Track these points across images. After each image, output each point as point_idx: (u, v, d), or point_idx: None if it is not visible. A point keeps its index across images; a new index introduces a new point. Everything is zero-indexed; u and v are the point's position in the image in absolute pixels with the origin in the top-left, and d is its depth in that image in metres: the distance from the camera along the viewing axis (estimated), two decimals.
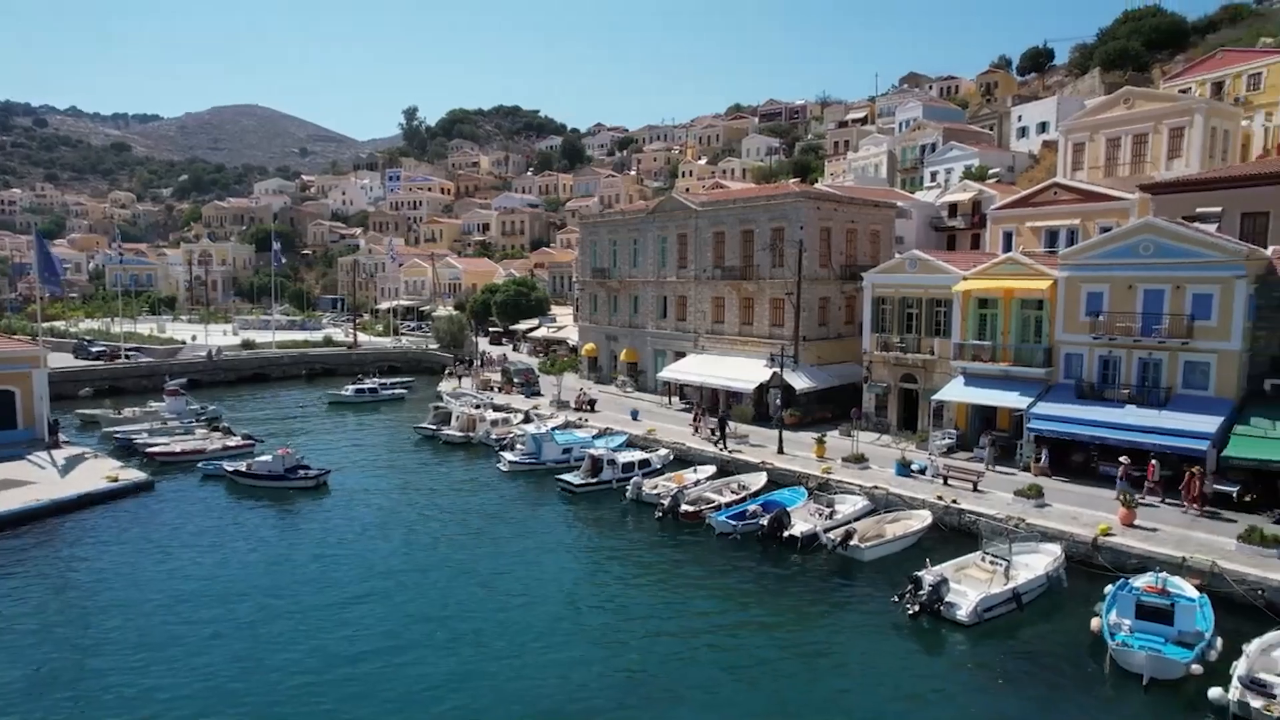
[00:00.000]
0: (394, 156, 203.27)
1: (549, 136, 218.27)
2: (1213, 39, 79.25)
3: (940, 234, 58.32)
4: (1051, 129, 67.92)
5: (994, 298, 37.41)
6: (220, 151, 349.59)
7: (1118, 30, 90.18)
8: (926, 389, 40.24)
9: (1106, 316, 33.42)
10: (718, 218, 51.62)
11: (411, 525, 32.84)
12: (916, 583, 23.49)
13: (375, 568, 28.18)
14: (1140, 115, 47.45)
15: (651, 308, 57.15)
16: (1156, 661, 19.47)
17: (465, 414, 48.98)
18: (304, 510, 34.94)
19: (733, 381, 47.64)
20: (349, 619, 24.06)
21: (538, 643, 22.55)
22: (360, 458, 44.80)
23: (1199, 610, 21.16)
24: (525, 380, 59.34)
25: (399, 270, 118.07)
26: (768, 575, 27.22)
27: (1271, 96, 53.95)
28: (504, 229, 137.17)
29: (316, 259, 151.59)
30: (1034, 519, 28.12)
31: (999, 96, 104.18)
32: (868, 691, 20.00)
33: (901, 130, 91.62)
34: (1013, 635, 22.54)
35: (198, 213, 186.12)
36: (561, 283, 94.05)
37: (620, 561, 29.04)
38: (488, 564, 28.57)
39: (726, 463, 39.02)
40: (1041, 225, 44.34)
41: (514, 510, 35.03)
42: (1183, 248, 31.56)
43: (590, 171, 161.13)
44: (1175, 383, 32.01)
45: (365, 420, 56.45)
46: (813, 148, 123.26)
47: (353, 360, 77.95)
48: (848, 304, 48.64)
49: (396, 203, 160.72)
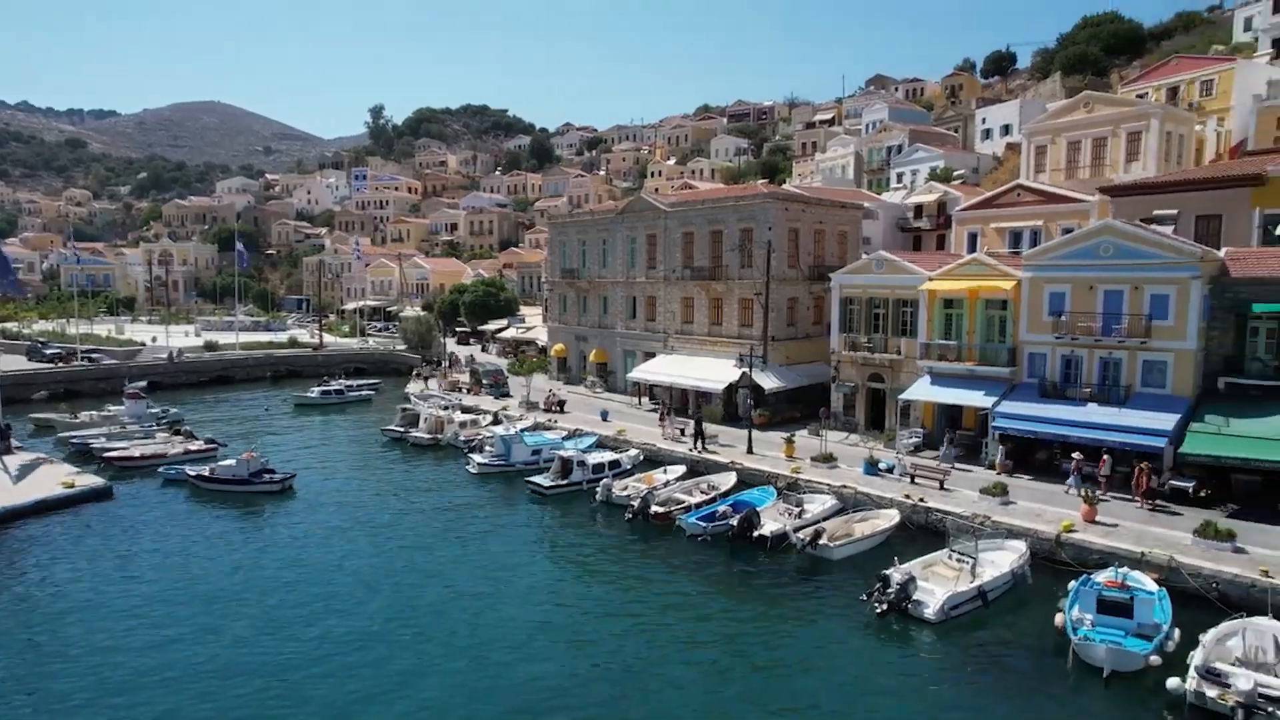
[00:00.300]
0: (360, 155, 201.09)
1: (517, 136, 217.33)
2: (1168, 45, 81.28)
3: (906, 235, 59.04)
4: (1015, 131, 69.04)
5: (959, 298, 37.92)
6: (181, 149, 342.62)
7: (1077, 35, 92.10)
8: (894, 388, 40.68)
9: (1068, 316, 34.04)
10: (687, 218, 51.73)
11: (379, 528, 32.45)
12: (884, 581, 23.73)
13: (343, 571, 27.84)
14: (1099, 119, 48.43)
15: (621, 308, 57.11)
16: (1116, 654, 19.87)
17: (433, 416, 48.56)
18: (269, 515, 34.37)
19: (702, 382, 47.77)
20: (316, 622, 23.75)
21: (507, 643, 22.46)
22: (327, 461, 44.19)
23: (1157, 603, 21.66)
24: (494, 381, 58.97)
25: (365, 270, 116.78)
26: (738, 575, 27.33)
27: (1223, 102, 55.40)
28: (472, 229, 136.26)
29: (281, 259, 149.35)
30: (999, 516, 28.56)
31: (963, 99, 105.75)
32: (836, 689, 20.16)
33: (868, 132, 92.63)
34: (979, 632, 22.85)
35: (158, 211, 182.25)
36: (530, 283, 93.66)
37: (590, 563, 28.98)
38: (456, 566, 28.34)
39: (696, 463, 39.11)
40: (1005, 226, 45.05)
41: (483, 512, 34.78)
42: (1141, 249, 32.25)
43: (559, 171, 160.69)
44: (1134, 381, 32.70)
45: (332, 423, 55.72)
46: (781, 148, 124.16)
47: (319, 362, 76.86)
48: (816, 304, 49.01)
49: (363, 202, 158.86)
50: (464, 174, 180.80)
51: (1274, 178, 35.01)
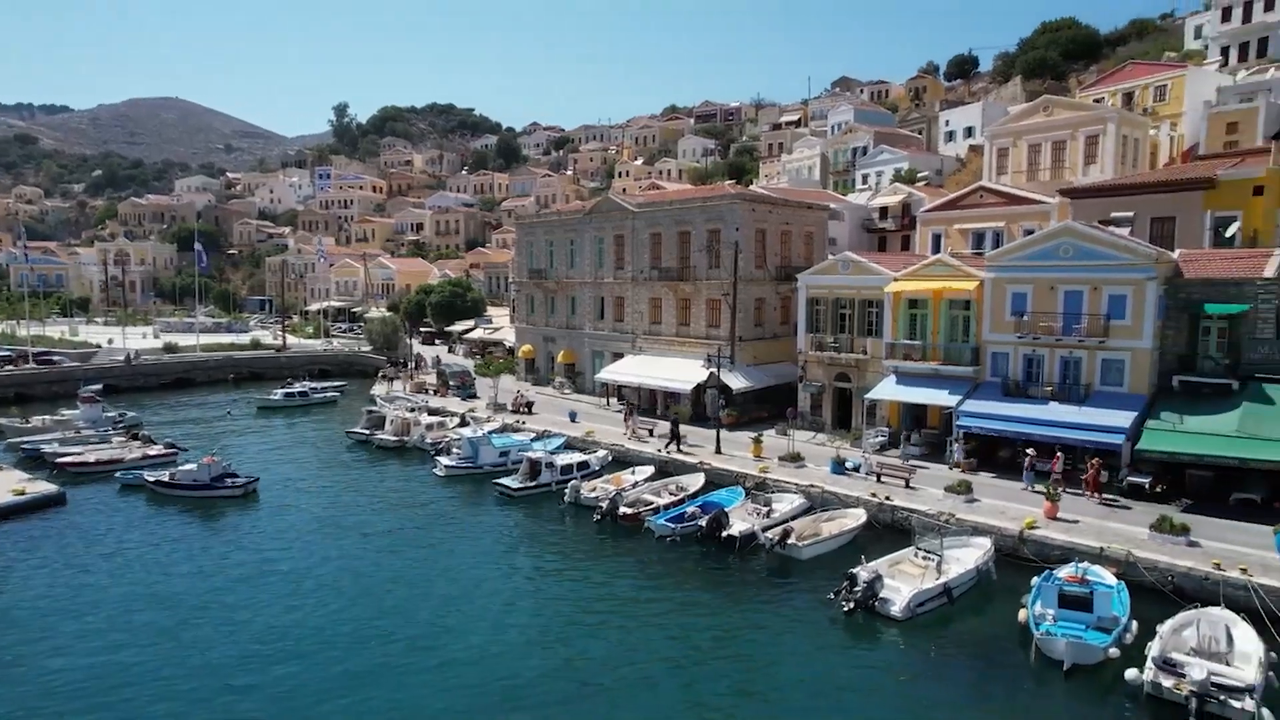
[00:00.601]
0: (324, 154, 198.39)
1: (484, 135, 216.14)
2: (1123, 51, 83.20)
3: (872, 235, 59.68)
4: (977, 134, 70.13)
5: (924, 298, 38.40)
6: (138, 146, 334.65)
7: (1037, 40, 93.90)
8: (860, 388, 41.08)
9: (1030, 316, 34.64)
10: (654, 219, 51.77)
11: (344, 532, 32.00)
12: (851, 580, 23.94)
13: (308, 575, 27.42)
14: (1059, 123, 49.39)
15: (589, 309, 56.98)
16: (1077, 648, 20.25)
17: (399, 418, 48.04)
18: (232, 520, 33.73)
19: (670, 382, 47.84)
20: (281, 627, 23.40)
21: (475, 645, 22.34)
22: (291, 464, 43.49)
23: (1116, 597, 22.10)
24: (461, 383, 58.51)
25: (330, 271, 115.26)
26: (707, 576, 27.39)
27: (1175, 108, 56.86)
28: (438, 229, 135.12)
29: (243, 259, 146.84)
30: (964, 514, 28.97)
31: (927, 101, 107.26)
32: (803, 686, 20.30)
33: (834, 133, 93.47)
34: (944, 628, 23.15)
35: (113, 210, 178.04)
36: (498, 283, 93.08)
37: (559, 565, 28.86)
38: (424, 569, 28.04)
39: (665, 464, 39.14)
40: (969, 227, 45.73)
41: (450, 515, 34.47)
42: (1099, 250, 32.93)
43: (526, 171, 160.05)
44: (1094, 380, 33.37)
45: (296, 425, 54.85)
46: (748, 149, 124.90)
47: (282, 363, 75.68)
48: (783, 305, 49.33)
49: (327, 201, 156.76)
50: (430, 173, 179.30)
51: (1224, 181, 36.00)
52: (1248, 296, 30.91)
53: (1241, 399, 30.12)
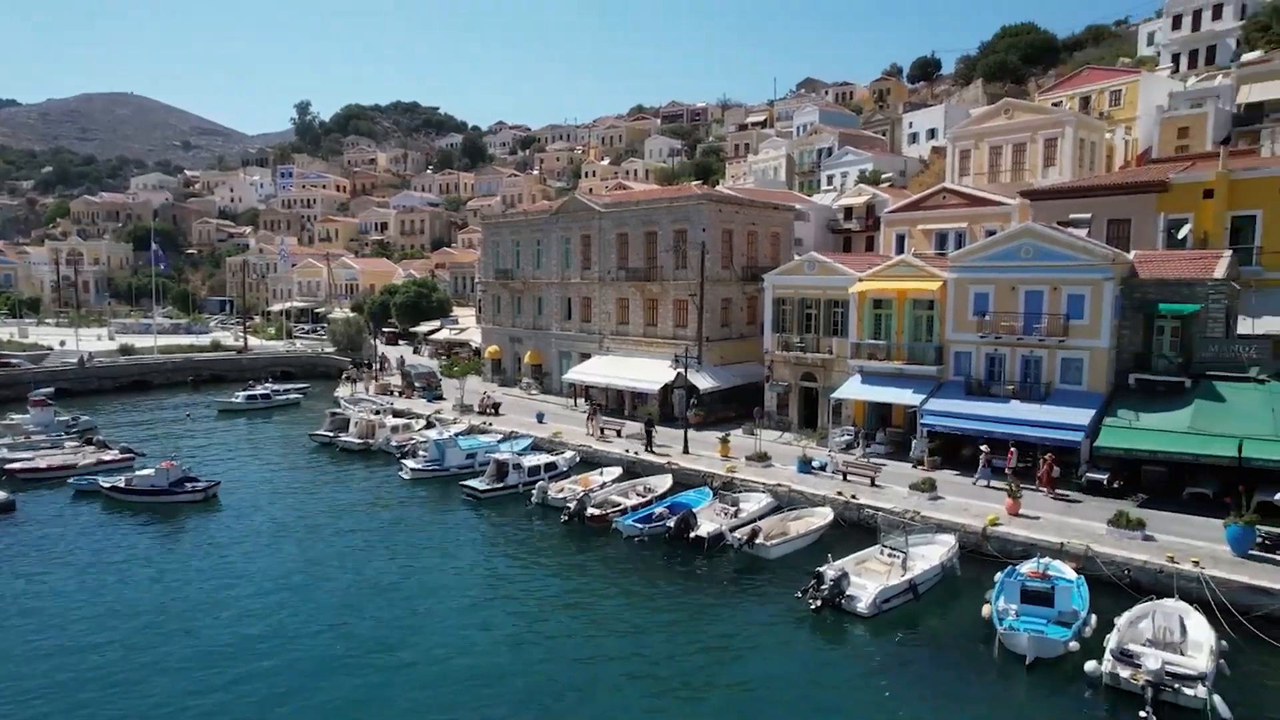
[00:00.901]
0: (286, 152, 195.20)
1: (449, 134, 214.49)
2: (1080, 56, 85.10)
3: (837, 236, 60.27)
4: (940, 135, 71.24)
5: (888, 298, 38.85)
6: (90, 142, 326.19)
7: (997, 44, 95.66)
8: (826, 387, 41.43)
9: (992, 316, 35.20)
10: (621, 219, 51.73)
11: (308, 536, 31.50)
12: (818, 578, 24.10)
13: (271, 580, 26.95)
14: (1019, 125, 50.30)
15: (556, 309, 56.77)
16: (1038, 642, 20.62)
17: (364, 420, 47.45)
18: (192, 525, 33.02)
19: (638, 382, 47.84)
20: (244, 634, 22.95)
21: (442, 647, 22.15)
22: (253, 468, 42.71)
23: (1076, 591, 22.55)
24: (426, 384, 57.95)
25: (292, 271, 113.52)
26: (675, 576, 27.41)
27: (1130, 112, 58.28)
28: (403, 228, 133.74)
29: (203, 259, 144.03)
30: (928, 512, 29.34)
31: (891, 103, 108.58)
32: (771, 683, 20.40)
33: (799, 134, 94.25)
34: (910, 624, 23.42)
35: (65, 208, 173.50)
36: (463, 284, 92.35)
37: (527, 566, 28.69)
38: (390, 573, 27.69)
39: (633, 464, 39.12)
40: (932, 228, 46.38)
41: (417, 518, 34.11)
42: (1059, 251, 33.57)
43: (492, 170, 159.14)
44: (1054, 378, 33.99)
45: (257, 428, 53.90)
46: (714, 149, 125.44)
47: (243, 365, 74.42)
48: (749, 305, 49.58)
49: (289, 200, 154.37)
50: (394, 172, 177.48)
51: (1176, 185, 36.93)
52: (1199, 296, 31.74)
53: (1194, 396, 30.90)
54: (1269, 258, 34.65)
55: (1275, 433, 28.07)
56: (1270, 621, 21.59)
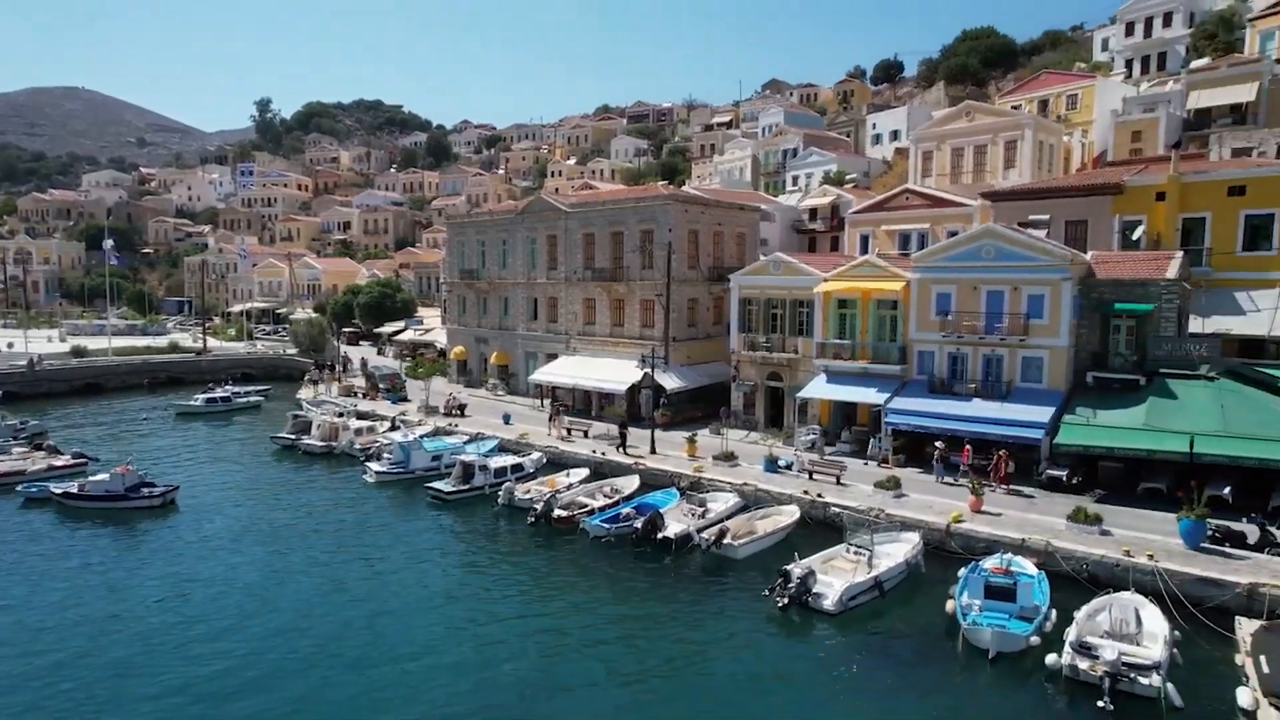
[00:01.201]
0: (246, 150, 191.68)
1: (413, 133, 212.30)
2: (1038, 60, 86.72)
3: (802, 236, 60.74)
4: (903, 137, 72.14)
5: (852, 298, 39.24)
6: (39, 138, 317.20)
7: (959, 48, 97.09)
8: (791, 386, 41.72)
9: (954, 316, 35.71)
10: (587, 219, 51.61)
11: (270, 541, 30.96)
12: (785, 576, 24.26)
13: (232, 586, 26.46)
14: (980, 128, 51.13)
15: (522, 309, 56.46)
16: (1001, 636, 21.00)
17: (327, 422, 46.74)
18: (149, 531, 32.23)
19: (605, 383, 47.77)
20: (204, 641, 22.51)
21: (407, 651, 21.94)
22: (212, 472, 41.83)
23: (1037, 586, 22.99)
24: (391, 385, 57.31)
25: (253, 271, 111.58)
26: (643, 577, 27.38)
27: (1086, 116, 59.59)
28: (366, 228, 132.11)
29: (160, 259, 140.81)
30: (893, 509, 29.68)
31: (855, 104, 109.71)
32: (739, 681, 20.53)
33: (764, 135, 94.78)
34: (876, 620, 23.69)
35: (12, 205, 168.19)
36: (428, 284, 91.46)
37: (494, 568, 28.48)
38: (354, 578, 27.30)
39: (600, 465, 39.04)
40: (895, 229, 46.95)
41: (382, 521, 33.68)
42: (1019, 252, 34.18)
43: (457, 170, 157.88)
44: (1015, 377, 34.60)
45: (217, 432, 52.83)
46: (680, 150, 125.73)
47: (202, 367, 72.93)
48: (715, 305, 49.76)
49: (249, 199, 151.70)
50: (357, 171, 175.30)
51: (1130, 187, 37.83)
52: (1153, 296, 32.53)
53: (1148, 394, 31.66)
54: (1218, 259, 35.64)
55: (1224, 429, 28.87)
56: (1220, 612, 22.21)
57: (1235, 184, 35.59)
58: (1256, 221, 35.06)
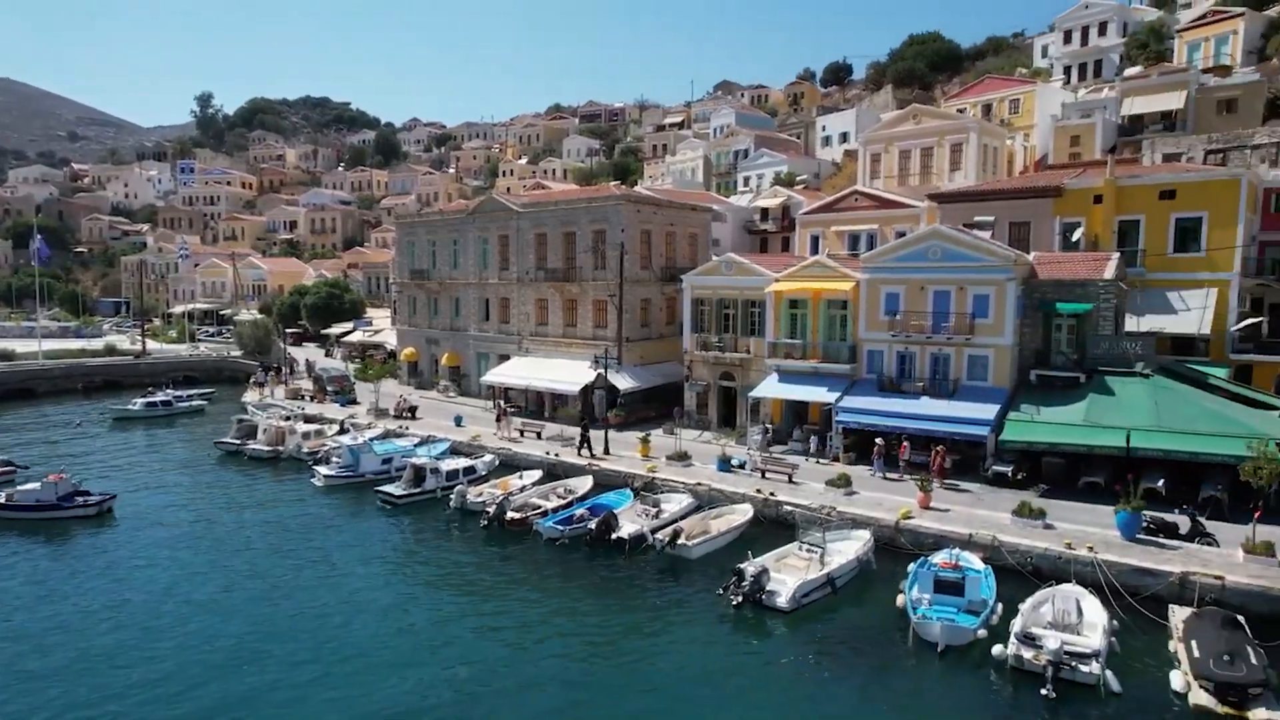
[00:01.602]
0: (186, 146, 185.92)
1: (361, 130, 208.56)
2: (982, 65, 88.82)
3: (754, 237, 61.26)
4: (852, 139, 73.24)
5: (803, 298, 39.68)
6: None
7: (906, 51, 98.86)
8: (744, 386, 42.02)
9: (902, 315, 36.36)
10: (539, 219, 51.30)
11: (213, 549, 30.08)
12: (739, 575, 24.43)
13: (173, 596, 25.69)
14: (926, 131, 52.17)
15: (473, 310, 55.89)
16: (950, 630, 21.46)
17: (273, 426, 45.64)
18: (84, 542, 31.07)
19: (557, 384, 47.53)
20: (145, 651, 21.86)
21: (357, 658, 21.58)
22: (153, 479, 40.48)
23: (984, 580, 23.53)
24: (339, 388, 56.25)
25: (195, 271, 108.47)
26: (597, 578, 27.31)
27: (1027, 120, 61.25)
28: (313, 227, 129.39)
29: (94, 258, 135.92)
30: (844, 507, 30.08)
31: (805, 106, 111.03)
32: (694, 679, 20.62)
33: (716, 136, 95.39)
34: (828, 617, 23.99)
35: None
36: (378, 284, 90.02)
37: (446, 572, 28.10)
38: (302, 583, 26.71)
39: (554, 466, 38.83)
40: (845, 229, 47.62)
41: (331, 526, 32.98)
42: (965, 252, 34.94)
43: (406, 168, 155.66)
44: (961, 375, 35.37)
45: (158, 437, 51.17)
46: (632, 150, 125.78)
47: (141, 370, 70.71)
48: (668, 305, 49.88)
49: (190, 197, 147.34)
50: (304, 169, 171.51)
51: (1070, 190, 38.97)
52: (1091, 296, 33.56)
53: (1088, 391, 32.65)
54: (1151, 260, 36.94)
55: (1158, 424, 29.92)
56: (1155, 600, 23.04)
57: (1166, 188, 36.95)
58: (1186, 224, 36.43)
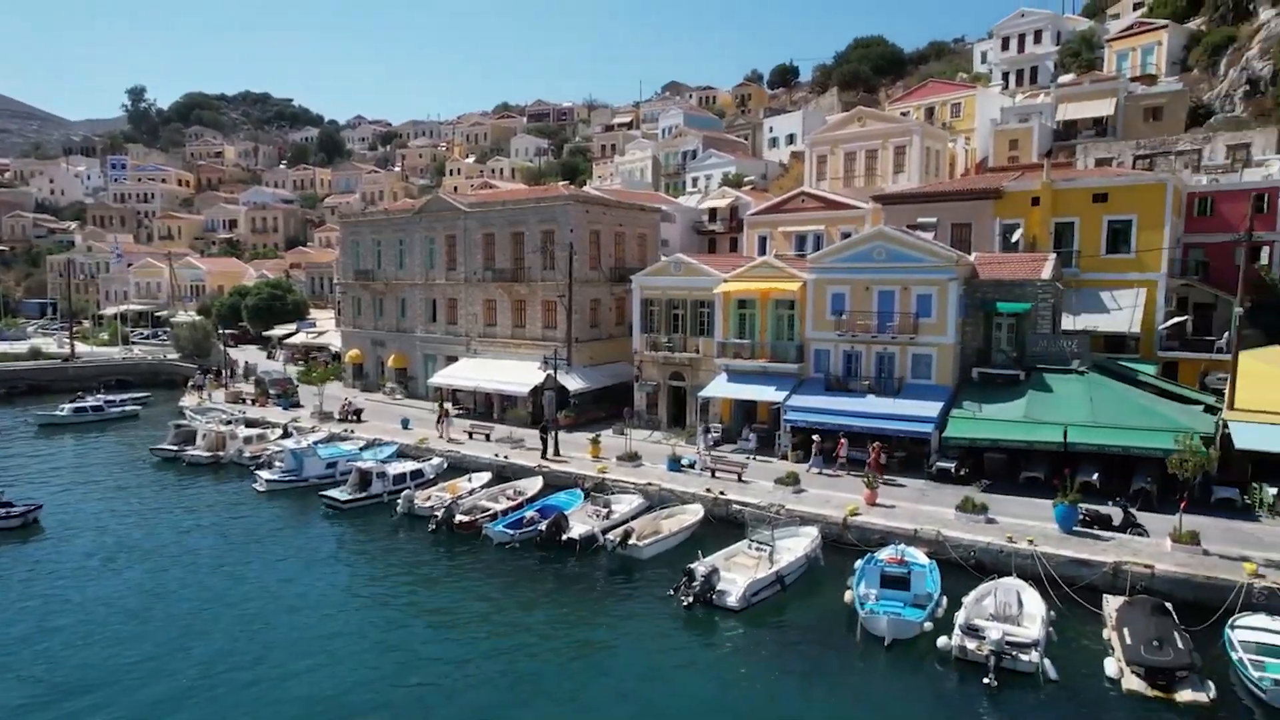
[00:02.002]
0: (117, 141, 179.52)
1: (304, 127, 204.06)
2: (924, 69, 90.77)
3: (702, 237, 61.59)
4: (799, 140, 74.12)
5: (751, 299, 40.00)
6: None
7: (851, 55, 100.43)
8: (694, 386, 42.18)
9: (848, 315, 36.90)
10: (487, 219, 50.77)
11: (148, 559, 28.99)
12: (690, 575, 24.49)
13: (105, 608, 24.70)
14: (871, 133, 53.07)
15: (420, 311, 55.06)
16: (896, 624, 21.85)
17: (213, 431, 44.27)
18: (7, 555, 29.62)
19: (506, 385, 47.10)
20: (75, 665, 21.02)
21: (301, 666, 21.10)
22: (83, 488, 38.88)
23: (929, 575, 24.02)
24: (282, 390, 54.87)
25: (128, 271, 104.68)
26: (548, 580, 27.11)
27: (968, 123, 62.78)
28: (254, 226, 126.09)
29: (17, 257, 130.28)
30: (792, 505, 30.38)
31: (753, 108, 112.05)
32: (644, 679, 20.62)
33: (664, 136, 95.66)
34: (778, 614, 24.19)
35: None
36: (321, 284, 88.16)
37: (393, 578, 27.56)
38: (243, 591, 25.95)
39: (503, 468, 38.45)
40: (792, 230, 48.17)
41: (273, 532, 32.11)
42: (908, 253, 35.61)
43: (351, 166, 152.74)
44: (906, 374, 36.03)
45: (88, 444, 49.21)
46: (581, 150, 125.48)
47: (70, 374, 68.01)
48: (618, 305, 49.83)
49: (122, 194, 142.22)
50: (244, 167, 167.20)
51: (1009, 192, 40.02)
52: (1030, 296, 34.51)
53: (1027, 388, 33.56)
54: (1085, 260, 38.16)
55: (1093, 419, 30.92)
56: (1090, 590, 23.79)
57: (1099, 191, 38.22)
58: (1117, 226, 37.72)
